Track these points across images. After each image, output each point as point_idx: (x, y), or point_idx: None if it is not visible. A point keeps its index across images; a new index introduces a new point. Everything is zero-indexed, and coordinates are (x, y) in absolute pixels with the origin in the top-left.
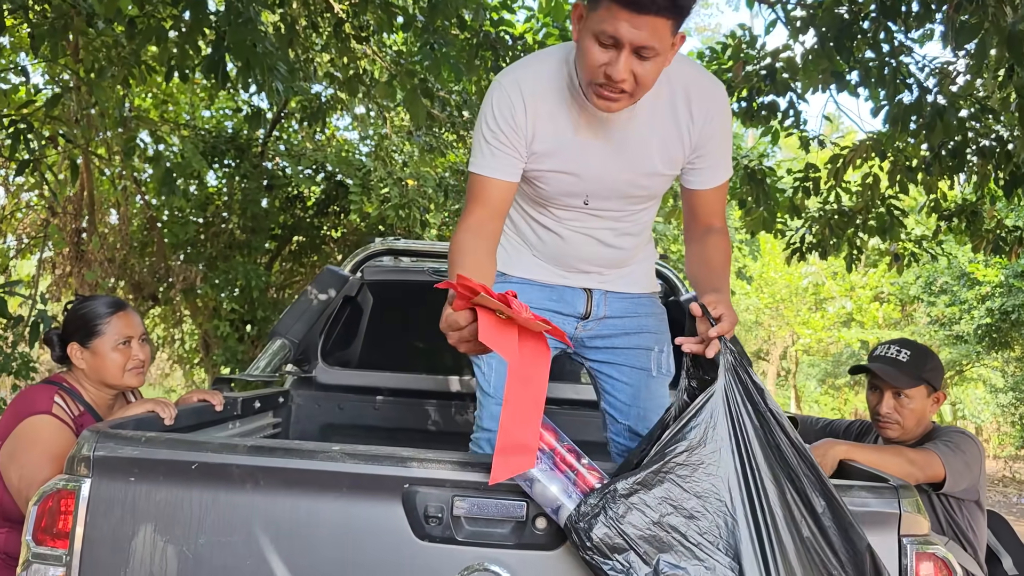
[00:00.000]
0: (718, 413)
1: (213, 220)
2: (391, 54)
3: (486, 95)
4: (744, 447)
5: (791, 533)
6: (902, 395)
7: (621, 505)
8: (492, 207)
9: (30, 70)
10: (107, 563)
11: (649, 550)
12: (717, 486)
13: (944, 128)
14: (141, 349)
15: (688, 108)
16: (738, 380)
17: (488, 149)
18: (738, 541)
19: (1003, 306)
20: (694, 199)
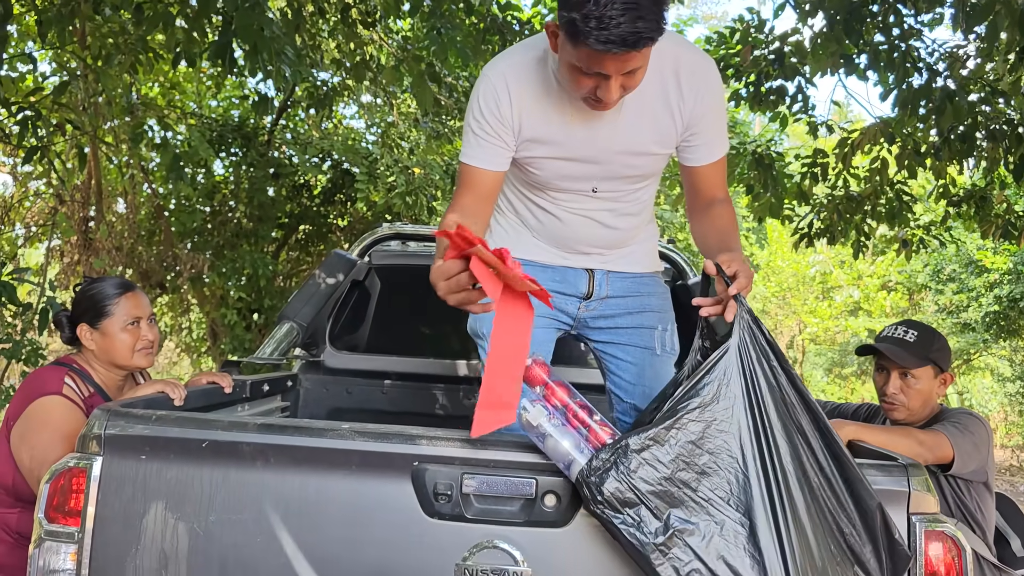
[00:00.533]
0: (732, 370)
1: (220, 209)
2: (398, 40)
3: (474, 86)
4: (757, 404)
5: (802, 490)
6: (908, 375)
7: (633, 460)
8: (480, 194)
9: (37, 58)
10: (119, 540)
11: (660, 505)
12: (729, 442)
13: (954, 112)
14: (150, 329)
15: (678, 86)
16: (752, 338)
17: (475, 140)
18: (749, 497)
19: (1011, 293)
20: (694, 176)
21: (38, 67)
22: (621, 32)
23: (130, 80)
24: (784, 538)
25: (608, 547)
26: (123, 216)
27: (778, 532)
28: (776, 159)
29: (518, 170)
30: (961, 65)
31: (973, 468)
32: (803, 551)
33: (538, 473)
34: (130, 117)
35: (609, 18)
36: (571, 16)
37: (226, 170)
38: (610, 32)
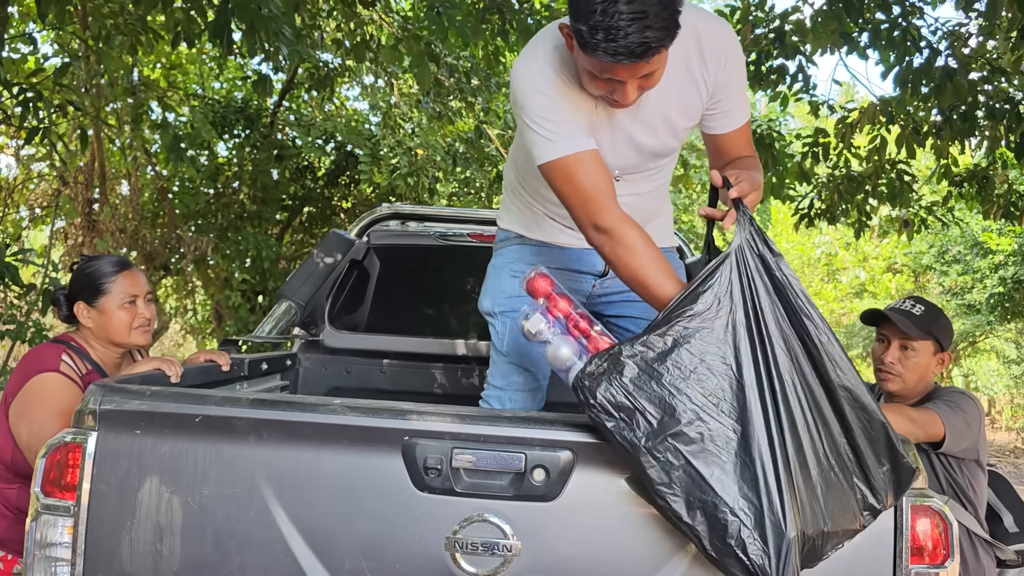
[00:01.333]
0: (730, 277)
1: (224, 191)
2: (398, 19)
3: (517, 85)
4: (754, 311)
5: (800, 399)
6: (908, 347)
7: (626, 365)
8: (608, 178)
9: (39, 39)
10: (114, 514)
11: (652, 409)
12: (723, 349)
13: (955, 90)
14: (147, 308)
15: (700, 56)
16: (753, 245)
17: (557, 127)
18: (743, 404)
19: (1016, 275)
20: (719, 142)
21: (39, 48)
22: (629, 43)
23: (131, 61)
24: (777, 446)
25: (596, 520)
26: (127, 198)
27: (770, 440)
28: (778, 139)
29: None
30: (962, 44)
31: (965, 446)
32: (798, 460)
33: (527, 448)
34: (132, 98)
35: (617, 29)
36: (578, 27)
37: (229, 152)
38: (618, 44)
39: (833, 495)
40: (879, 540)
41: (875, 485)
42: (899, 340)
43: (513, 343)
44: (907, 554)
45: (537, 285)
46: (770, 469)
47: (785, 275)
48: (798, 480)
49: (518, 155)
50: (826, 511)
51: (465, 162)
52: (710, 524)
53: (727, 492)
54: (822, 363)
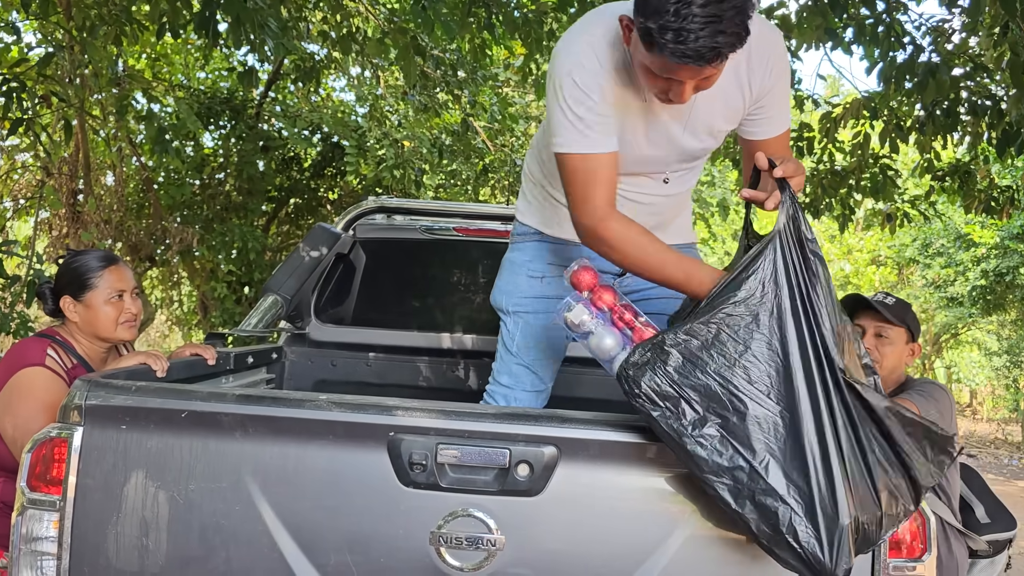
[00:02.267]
0: (775, 261)
1: (209, 182)
2: (384, 12)
3: (555, 66)
4: (801, 296)
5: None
6: (883, 335)
7: (670, 354)
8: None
9: (22, 29)
10: (100, 508)
11: (697, 398)
12: (771, 336)
13: (937, 86)
14: (133, 303)
15: (749, 61)
16: (795, 229)
17: (580, 124)
18: (793, 390)
19: (998, 268)
20: (758, 147)
21: (22, 38)
22: (699, 47)
23: (116, 51)
24: (828, 431)
25: (579, 515)
26: (111, 189)
27: (819, 425)
28: None
29: None
30: (946, 40)
31: None
32: (849, 444)
33: (511, 443)
34: (117, 89)
35: (688, 31)
36: (647, 25)
37: (215, 143)
38: (687, 47)
39: (883, 479)
40: None
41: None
42: (874, 328)
43: (523, 344)
44: (885, 548)
45: (582, 278)
46: (819, 455)
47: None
48: (850, 465)
49: (543, 147)
50: (878, 495)
51: (452, 154)
52: (760, 512)
53: (776, 479)
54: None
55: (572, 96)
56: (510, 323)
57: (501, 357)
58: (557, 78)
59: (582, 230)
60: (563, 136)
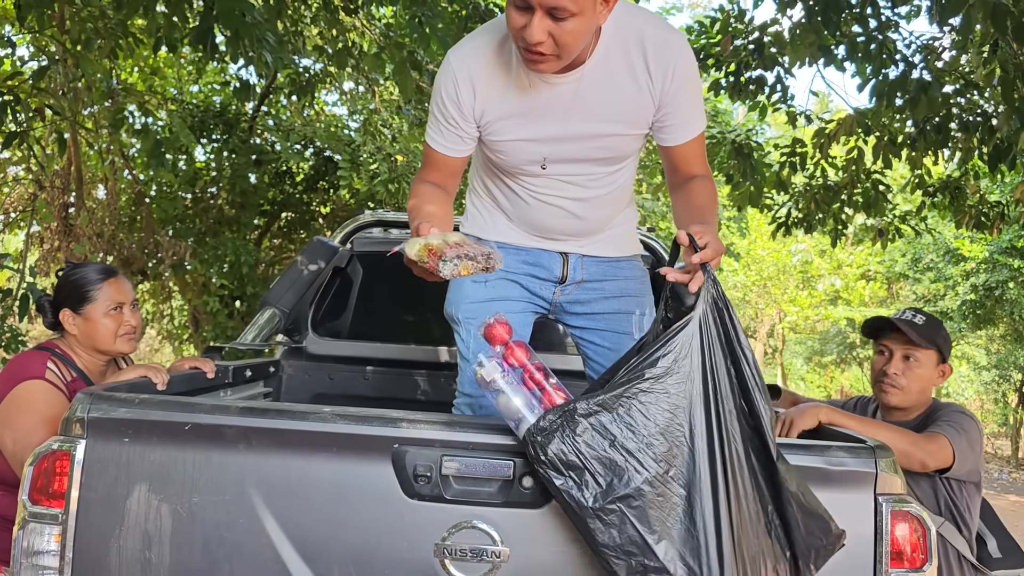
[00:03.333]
0: (691, 343)
1: (202, 195)
2: (380, 27)
3: (442, 66)
4: (712, 381)
5: (746, 471)
6: (912, 358)
7: (579, 424)
8: (446, 173)
9: (16, 42)
10: (102, 522)
11: (602, 471)
12: (679, 416)
13: (929, 103)
14: (132, 315)
15: (645, 64)
16: (716, 312)
17: (437, 125)
18: (692, 474)
19: (987, 282)
20: (671, 154)
21: (16, 51)
22: None
23: (110, 65)
24: (722, 519)
25: None
26: (104, 202)
27: (716, 512)
28: (755, 148)
29: (488, 153)
30: (936, 57)
31: (968, 469)
32: (741, 533)
33: (516, 455)
34: (110, 102)
35: None
36: None
37: (208, 156)
38: None
39: (768, 566)
40: (859, 545)
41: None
42: (902, 351)
43: (478, 349)
44: (887, 559)
45: (495, 332)
46: (712, 539)
47: (742, 347)
48: (739, 550)
49: (479, 163)
50: None
51: None
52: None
53: (669, 559)
54: (765, 439)
55: (435, 99)
56: (462, 332)
57: (461, 367)
58: (439, 74)
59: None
60: (428, 126)
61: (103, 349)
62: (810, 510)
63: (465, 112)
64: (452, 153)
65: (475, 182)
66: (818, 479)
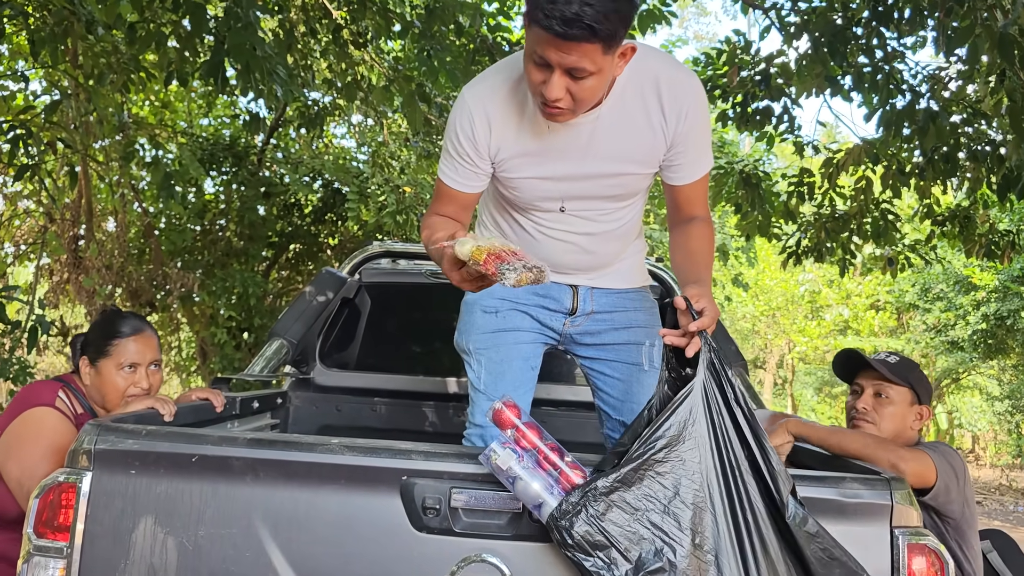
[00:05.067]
0: (697, 410)
1: (210, 227)
2: (389, 60)
3: (454, 106)
4: (723, 443)
5: (771, 528)
6: (883, 394)
7: (601, 503)
8: (459, 207)
9: (29, 77)
10: (108, 555)
11: (630, 546)
12: (696, 482)
13: (937, 132)
14: (149, 376)
15: (659, 104)
16: (714, 376)
17: (451, 161)
18: (717, 537)
19: (998, 311)
20: (675, 193)
21: (29, 85)
22: (566, 11)
23: (121, 99)
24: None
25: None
26: (113, 235)
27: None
28: (763, 178)
29: (500, 189)
30: (943, 87)
31: (951, 498)
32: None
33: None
34: (121, 135)
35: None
36: (528, 6)
37: (217, 189)
38: (555, 6)
39: None
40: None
41: None
42: (873, 387)
43: (490, 381)
44: None
45: (504, 417)
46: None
47: (743, 406)
48: None
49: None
50: None
51: None
52: None
53: None
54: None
55: (448, 136)
56: (474, 363)
57: (473, 399)
58: (454, 110)
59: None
60: (441, 161)
61: (108, 407)
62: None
63: (480, 149)
64: (466, 189)
65: (484, 215)
66: (833, 512)
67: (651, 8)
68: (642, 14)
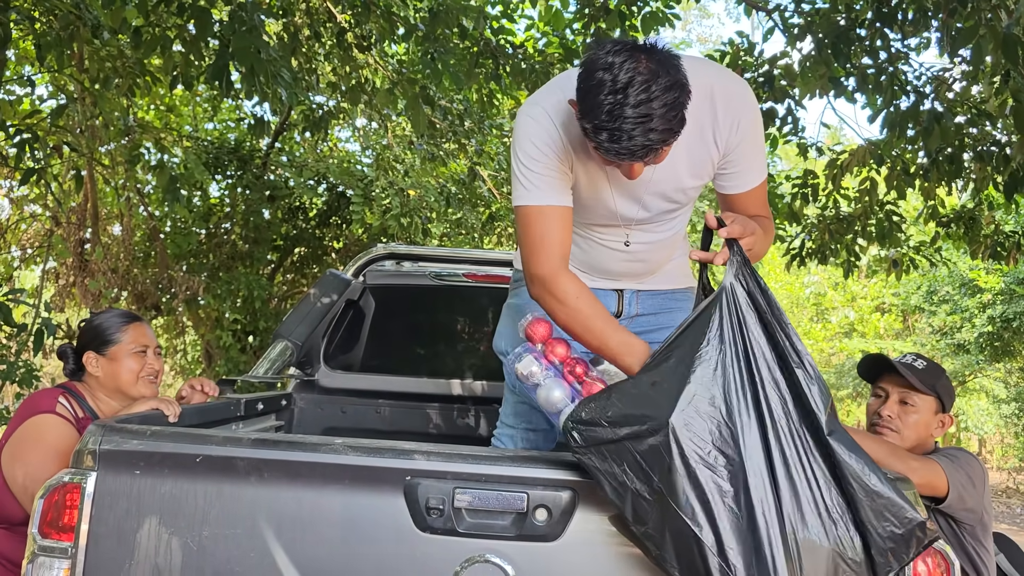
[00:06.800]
0: (720, 318)
1: (215, 231)
2: (393, 63)
3: (516, 126)
4: (746, 353)
5: (794, 446)
6: (908, 402)
7: (617, 407)
8: (566, 230)
9: (35, 81)
10: (112, 556)
11: (638, 447)
12: (714, 392)
13: (941, 133)
14: (156, 360)
15: (713, 114)
16: (743, 283)
17: (538, 178)
18: (736, 449)
19: (1004, 313)
20: (731, 201)
21: (36, 90)
22: (631, 145)
23: (127, 103)
24: (768, 493)
25: (598, 560)
26: (119, 238)
27: (761, 486)
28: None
29: None
30: (947, 88)
31: (969, 506)
32: (792, 508)
33: (529, 487)
34: (127, 140)
35: (621, 132)
36: (583, 124)
37: (222, 192)
38: (620, 146)
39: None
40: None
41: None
42: (899, 394)
43: None
44: None
45: (535, 330)
46: (760, 518)
47: (775, 315)
48: (791, 531)
49: None
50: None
51: (458, 203)
52: (693, 572)
53: (711, 539)
54: (811, 408)
55: (527, 153)
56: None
57: (507, 399)
58: (516, 138)
59: (534, 281)
60: (518, 190)
61: (124, 390)
62: (876, 491)
63: (561, 155)
64: (563, 202)
65: None
66: None
67: (654, 11)
68: (645, 16)
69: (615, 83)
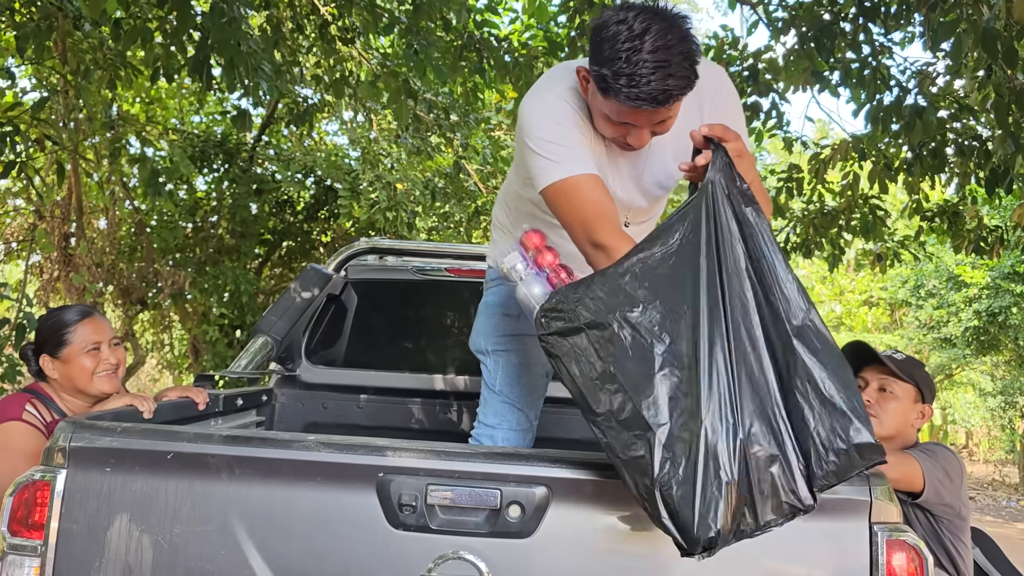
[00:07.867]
0: (698, 218)
1: (202, 225)
2: (377, 56)
3: (526, 113)
4: (718, 256)
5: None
6: (887, 389)
7: (584, 299)
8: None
9: (16, 74)
10: (83, 553)
11: (602, 341)
12: (684, 290)
13: (924, 127)
14: (112, 353)
15: (700, 104)
16: (724, 184)
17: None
18: (695, 347)
19: (990, 308)
20: None
21: (17, 82)
22: (651, 90)
23: (110, 95)
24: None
25: (571, 557)
26: (104, 232)
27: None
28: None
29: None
30: (930, 82)
31: (946, 500)
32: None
33: (502, 484)
34: (110, 132)
35: (640, 76)
36: (601, 71)
37: (208, 186)
38: (639, 90)
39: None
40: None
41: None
42: (878, 381)
43: (505, 382)
44: None
45: (530, 239)
46: (706, 412)
47: (753, 218)
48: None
49: (508, 195)
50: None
51: (444, 197)
52: (640, 464)
53: (661, 430)
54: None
55: (549, 130)
56: (490, 363)
57: (485, 398)
58: (528, 122)
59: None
60: (547, 168)
61: (83, 389)
62: (833, 403)
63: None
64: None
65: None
66: None
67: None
68: None
69: (631, 31)
